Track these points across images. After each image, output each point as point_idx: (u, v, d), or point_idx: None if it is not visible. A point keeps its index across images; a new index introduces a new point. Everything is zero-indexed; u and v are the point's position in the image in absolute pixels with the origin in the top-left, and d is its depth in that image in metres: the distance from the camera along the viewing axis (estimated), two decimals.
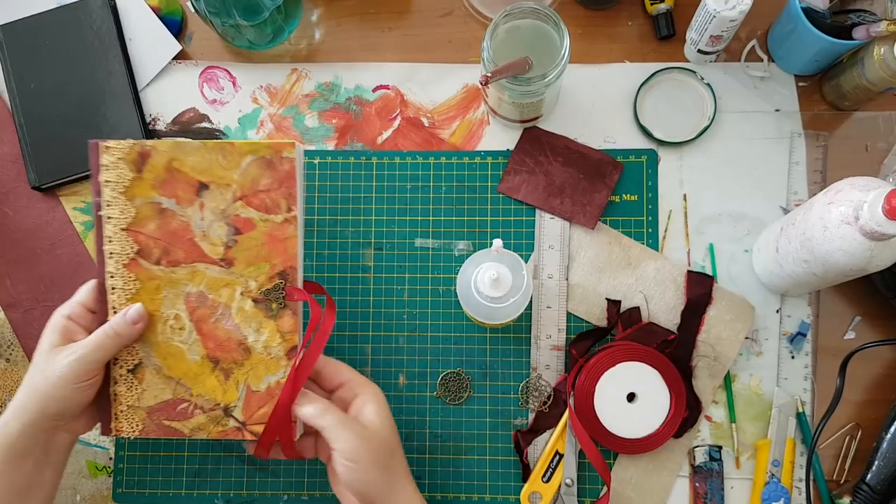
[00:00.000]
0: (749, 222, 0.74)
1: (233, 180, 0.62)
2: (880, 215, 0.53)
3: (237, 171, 0.62)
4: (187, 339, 0.63)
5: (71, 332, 0.61)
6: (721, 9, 0.67)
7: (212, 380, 0.63)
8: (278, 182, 0.62)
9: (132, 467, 0.73)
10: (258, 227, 0.62)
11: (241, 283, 0.63)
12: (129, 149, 0.63)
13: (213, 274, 0.63)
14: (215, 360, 0.63)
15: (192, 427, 0.63)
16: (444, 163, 0.77)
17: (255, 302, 0.63)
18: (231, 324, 0.63)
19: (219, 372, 0.63)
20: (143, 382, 0.63)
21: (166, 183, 0.62)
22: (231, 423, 0.63)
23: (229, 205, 0.62)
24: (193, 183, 0.62)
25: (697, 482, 0.70)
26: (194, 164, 0.62)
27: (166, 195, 0.63)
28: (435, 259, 0.75)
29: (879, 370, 0.72)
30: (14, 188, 0.78)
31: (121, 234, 0.63)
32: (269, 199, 0.62)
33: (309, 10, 0.81)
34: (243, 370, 0.63)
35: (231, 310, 0.63)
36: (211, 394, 0.63)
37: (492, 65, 0.65)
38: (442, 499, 0.72)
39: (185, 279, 0.63)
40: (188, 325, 0.63)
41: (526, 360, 0.73)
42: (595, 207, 0.74)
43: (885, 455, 0.68)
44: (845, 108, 0.75)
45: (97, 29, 0.79)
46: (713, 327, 0.72)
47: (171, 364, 0.63)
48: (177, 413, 0.63)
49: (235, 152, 0.62)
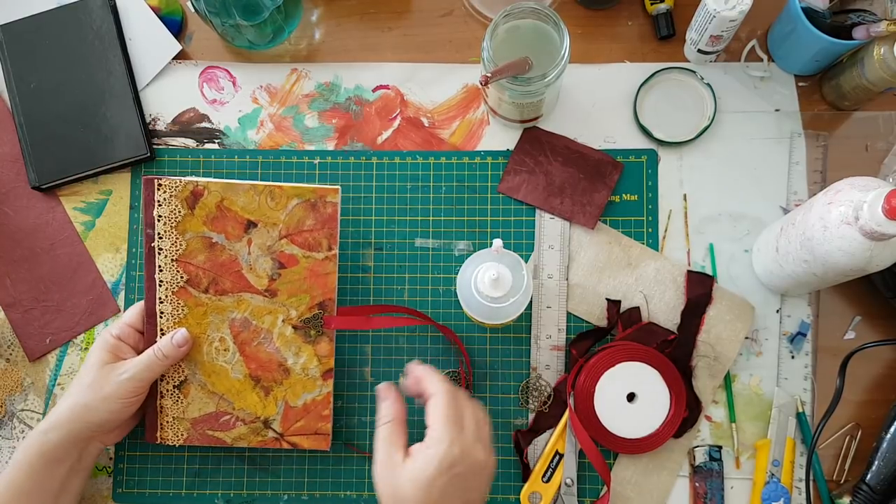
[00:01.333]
0: (749, 222, 0.74)
1: (279, 220, 0.68)
2: (880, 215, 0.53)
3: (283, 212, 0.68)
4: (231, 360, 0.69)
5: (120, 351, 0.67)
6: (721, 9, 0.67)
7: (253, 396, 0.69)
8: (321, 223, 0.68)
9: (132, 467, 0.73)
10: (300, 263, 0.68)
11: (283, 312, 0.68)
12: (182, 187, 0.67)
13: (258, 303, 0.68)
14: (257, 379, 0.69)
15: (234, 437, 0.69)
16: (444, 163, 0.77)
17: (294, 329, 0.68)
18: (273, 347, 0.69)
19: (259, 389, 0.69)
20: (188, 397, 0.69)
21: (217, 220, 0.68)
22: (270, 433, 0.69)
23: (275, 242, 0.68)
24: (242, 221, 0.68)
25: (697, 482, 0.70)
26: (244, 205, 0.68)
27: (216, 231, 0.68)
28: (435, 259, 0.75)
29: (879, 370, 0.72)
30: (14, 188, 0.78)
31: (171, 265, 0.68)
32: (311, 238, 0.68)
33: (309, 10, 0.81)
34: (282, 388, 0.69)
35: (273, 335, 0.69)
36: (252, 408, 0.69)
37: (492, 65, 0.65)
38: None
39: (232, 306, 0.68)
40: (232, 347, 0.69)
41: (526, 360, 0.73)
42: (595, 207, 0.74)
43: (885, 455, 0.68)
44: (845, 108, 0.75)
45: (97, 29, 0.79)
46: (713, 327, 0.72)
47: (216, 381, 0.69)
48: (219, 424, 0.69)
49: (283, 195, 0.67)
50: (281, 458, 0.73)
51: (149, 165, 0.78)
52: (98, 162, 0.77)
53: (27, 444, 0.64)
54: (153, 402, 0.69)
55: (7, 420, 0.75)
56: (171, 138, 0.79)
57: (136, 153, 0.77)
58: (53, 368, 0.75)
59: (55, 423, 0.64)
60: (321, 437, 0.69)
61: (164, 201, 0.67)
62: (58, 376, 0.75)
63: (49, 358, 0.76)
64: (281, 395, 0.69)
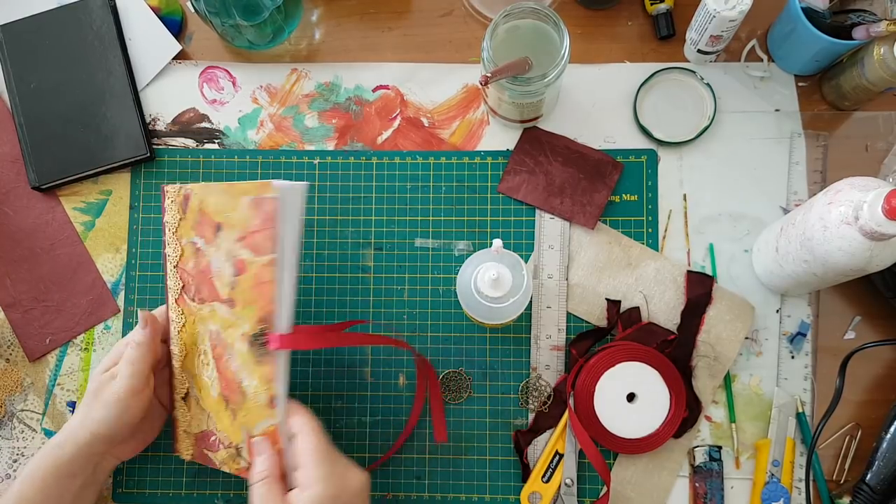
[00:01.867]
0: (749, 222, 0.74)
1: (236, 221, 0.61)
2: (880, 215, 0.53)
3: (237, 212, 0.61)
4: (211, 376, 0.64)
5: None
6: (721, 9, 0.67)
7: (226, 418, 0.63)
8: (263, 222, 0.59)
9: (132, 467, 0.73)
10: (248, 270, 0.60)
11: (240, 325, 0.61)
12: (177, 192, 0.65)
13: (223, 314, 0.62)
14: (227, 400, 0.63)
15: (220, 460, 0.65)
16: (444, 163, 0.77)
17: (249, 345, 0.60)
18: (235, 365, 0.62)
19: (230, 411, 0.63)
20: (190, 410, 0.67)
21: (199, 224, 0.64)
22: (242, 462, 0.63)
23: (233, 245, 0.61)
24: (213, 223, 0.63)
25: (697, 482, 0.70)
26: (214, 206, 0.62)
27: (199, 235, 0.64)
28: (435, 259, 0.75)
29: (879, 370, 0.72)
30: (14, 188, 0.78)
31: (173, 272, 0.66)
32: (258, 239, 0.60)
33: (309, 10, 0.81)
34: (243, 413, 0.62)
35: (234, 351, 0.61)
36: (227, 431, 0.64)
37: (492, 65, 0.65)
38: (442, 499, 0.72)
39: (208, 317, 0.64)
40: (211, 362, 0.64)
41: (526, 360, 0.73)
42: (595, 207, 0.74)
43: (885, 455, 0.68)
44: (845, 108, 0.75)
45: (97, 29, 0.79)
46: (713, 327, 0.72)
47: (205, 396, 0.65)
48: (209, 444, 0.66)
49: (236, 193, 0.61)
50: None
51: (149, 166, 0.78)
52: (98, 162, 0.77)
53: (40, 458, 0.63)
54: (173, 412, 0.68)
55: (7, 420, 0.75)
56: (171, 138, 0.79)
57: (135, 153, 0.77)
58: (53, 368, 0.75)
59: (69, 436, 0.63)
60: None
61: (167, 208, 0.66)
62: (58, 376, 0.75)
63: (49, 358, 0.76)
64: (243, 421, 0.62)
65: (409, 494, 0.72)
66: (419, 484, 0.72)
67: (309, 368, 0.74)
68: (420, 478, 0.72)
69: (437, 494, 0.72)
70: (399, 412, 0.73)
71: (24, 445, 0.74)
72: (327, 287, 0.75)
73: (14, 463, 0.74)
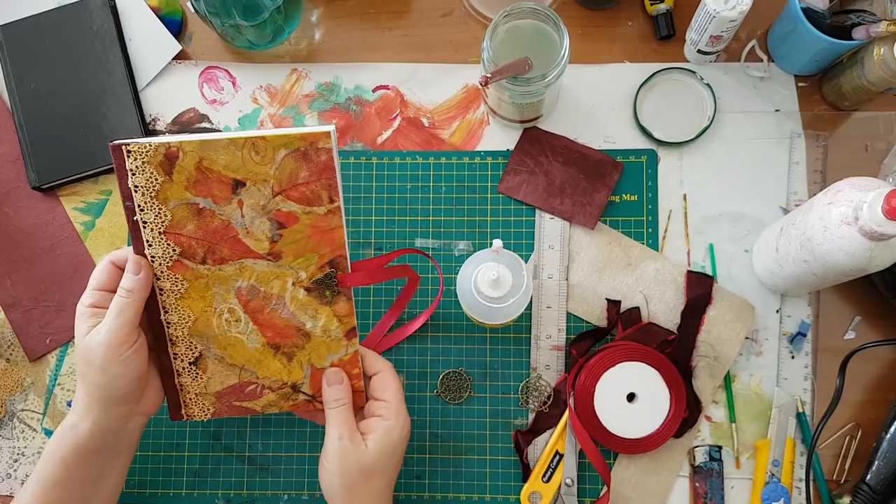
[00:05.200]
0: (749, 222, 0.74)
1: (269, 175, 0.60)
2: (880, 215, 0.53)
3: (273, 166, 0.60)
4: (245, 330, 0.64)
5: (98, 316, 0.60)
6: (721, 9, 0.67)
7: (275, 363, 0.64)
8: (317, 174, 0.60)
9: (132, 467, 0.73)
10: (301, 220, 0.61)
11: (292, 275, 0.62)
12: (153, 151, 0.60)
13: (262, 268, 0.62)
14: (276, 346, 0.64)
15: (263, 405, 0.66)
16: (444, 163, 0.77)
17: (308, 291, 0.63)
18: (287, 312, 0.63)
19: (281, 356, 0.64)
20: (206, 372, 0.65)
21: (199, 183, 0.61)
22: (301, 397, 0.66)
23: (269, 200, 0.61)
24: (228, 181, 0.61)
25: (697, 482, 0.70)
26: (226, 163, 0.60)
27: (201, 195, 0.61)
28: (435, 259, 0.75)
29: (879, 370, 0.72)
30: (14, 188, 0.78)
31: (160, 238, 0.62)
32: (309, 191, 0.61)
33: (309, 10, 0.81)
34: (305, 352, 0.64)
35: (285, 300, 0.63)
36: (277, 375, 0.65)
37: (492, 65, 0.65)
38: (442, 499, 0.72)
39: (235, 275, 0.62)
40: (243, 318, 0.63)
41: (526, 360, 0.73)
42: (595, 207, 0.74)
43: (885, 455, 0.68)
44: (845, 109, 0.75)
45: (97, 29, 0.79)
46: (713, 327, 0.72)
47: (233, 353, 0.64)
48: (246, 394, 0.66)
49: (268, 147, 0.60)
50: (281, 458, 0.73)
51: None
52: (98, 162, 0.77)
53: (58, 440, 0.60)
54: (171, 381, 0.65)
55: (7, 420, 0.75)
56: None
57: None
58: (53, 368, 0.75)
59: (80, 413, 0.60)
60: (356, 394, 0.64)
61: (137, 170, 0.60)
62: (58, 376, 0.75)
63: (49, 358, 0.76)
64: (305, 359, 0.64)
65: (410, 494, 0.72)
66: (419, 484, 0.72)
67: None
68: (420, 478, 0.72)
69: (438, 494, 0.72)
70: None
71: (24, 445, 0.74)
72: None
73: (14, 463, 0.74)
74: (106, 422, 0.61)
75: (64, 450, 0.60)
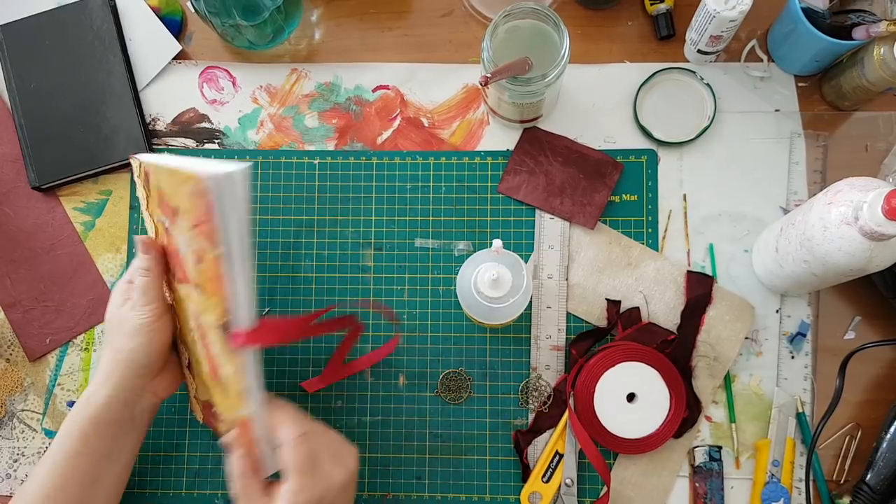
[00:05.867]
0: (749, 222, 0.74)
1: (187, 207, 0.57)
2: (880, 215, 0.53)
3: (184, 201, 0.56)
4: (200, 353, 0.63)
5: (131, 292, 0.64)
6: (721, 9, 0.67)
7: (218, 394, 0.63)
8: (205, 214, 0.54)
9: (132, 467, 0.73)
10: (205, 259, 0.56)
11: (210, 313, 0.58)
12: (139, 168, 0.63)
13: (195, 297, 0.60)
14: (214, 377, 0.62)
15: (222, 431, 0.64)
16: (444, 163, 0.77)
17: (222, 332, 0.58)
18: (215, 349, 0.60)
19: (220, 388, 0.62)
20: (195, 379, 0.66)
21: (161, 203, 0.61)
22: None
23: (189, 231, 0.57)
24: (171, 207, 0.60)
25: (697, 482, 0.70)
26: (168, 188, 0.59)
27: (165, 214, 0.61)
28: (435, 259, 0.75)
29: (879, 370, 0.72)
30: (14, 188, 0.78)
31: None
32: (206, 230, 0.55)
33: (309, 10, 0.81)
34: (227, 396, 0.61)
35: (212, 336, 0.59)
36: (221, 406, 0.64)
37: (492, 65, 0.65)
38: (442, 499, 0.72)
39: (185, 297, 0.62)
40: (198, 340, 0.63)
41: (526, 360, 0.73)
42: (595, 207, 0.74)
43: (885, 455, 0.68)
44: (845, 109, 0.75)
45: (97, 29, 0.79)
46: (713, 327, 0.72)
47: (199, 370, 0.65)
48: (211, 414, 0.66)
49: (178, 181, 0.57)
50: None
51: None
52: (98, 162, 0.77)
53: (76, 413, 0.62)
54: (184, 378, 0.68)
55: (7, 420, 0.75)
56: (171, 138, 0.79)
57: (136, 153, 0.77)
58: (53, 368, 0.75)
59: (100, 380, 0.62)
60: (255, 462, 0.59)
61: (136, 182, 0.65)
62: (58, 376, 0.75)
63: (49, 358, 0.76)
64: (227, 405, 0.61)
65: (410, 494, 0.72)
66: (419, 484, 0.72)
67: (309, 368, 0.74)
68: (420, 478, 0.72)
69: (437, 494, 0.72)
70: (399, 412, 0.73)
71: (24, 445, 0.74)
72: (327, 287, 0.75)
73: (14, 463, 0.74)
74: (123, 391, 0.63)
75: (83, 420, 0.62)
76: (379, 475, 0.72)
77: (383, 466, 0.72)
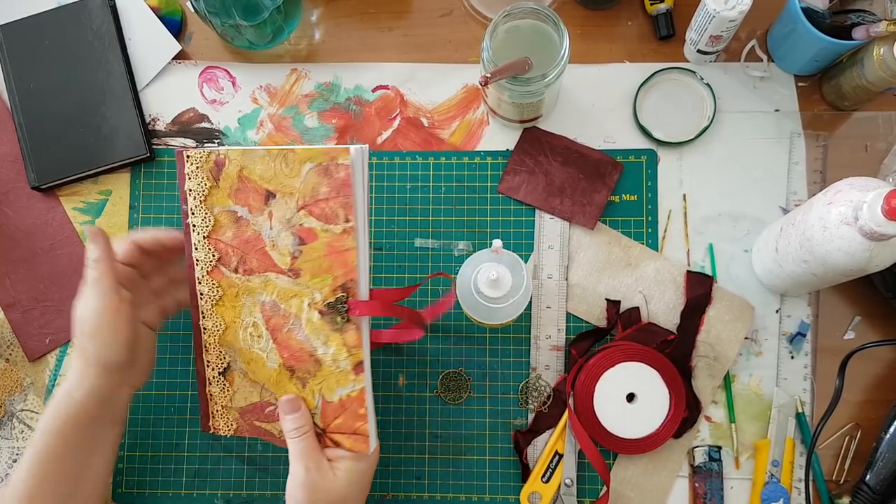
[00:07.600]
0: (749, 222, 0.74)
1: (295, 189, 0.60)
2: (879, 216, 0.53)
3: (299, 180, 0.60)
4: (265, 347, 0.63)
5: None
6: (721, 9, 0.67)
7: (291, 387, 0.62)
8: (335, 190, 0.59)
9: (132, 467, 0.73)
10: (319, 238, 0.60)
11: (308, 295, 0.60)
12: (205, 158, 0.63)
13: (283, 284, 0.61)
14: (291, 370, 0.62)
15: (280, 430, 0.63)
16: (443, 163, 0.77)
17: (321, 314, 0.60)
18: (302, 334, 0.61)
19: (296, 380, 0.62)
20: (233, 385, 0.65)
21: (239, 192, 0.62)
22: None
23: (294, 214, 0.60)
24: (262, 191, 0.61)
25: (697, 482, 0.70)
26: (262, 173, 0.61)
27: (240, 203, 0.62)
28: (435, 259, 0.75)
29: (879, 370, 0.72)
30: (14, 188, 0.78)
31: (203, 242, 0.64)
32: (328, 208, 0.59)
33: (309, 10, 0.81)
34: (317, 381, 0.62)
35: (301, 321, 0.61)
36: (311, 392, 0.62)
37: (492, 65, 0.65)
38: (442, 499, 0.72)
39: (259, 288, 0.62)
40: (265, 334, 0.62)
41: (526, 360, 0.73)
42: (595, 207, 0.74)
43: (885, 455, 0.68)
44: (845, 108, 0.75)
45: (97, 29, 0.79)
46: (713, 327, 0.72)
47: (255, 369, 0.64)
48: (265, 415, 0.64)
49: (296, 160, 0.60)
50: (281, 458, 0.73)
51: (148, 166, 0.78)
52: (98, 162, 0.77)
53: (54, 410, 0.61)
54: (203, 390, 0.66)
55: (7, 420, 0.75)
56: (170, 138, 0.79)
57: (135, 153, 0.77)
58: (53, 368, 0.75)
59: (75, 381, 0.61)
60: (360, 437, 0.61)
61: (192, 174, 0.63)
62: (58, 376, 0.75)
63: (49, 358, 0.76)
64: (317, 388, 0.61)
65: (409, 494, 0.72)
66: (419, 484, 0.72)
67: None
68: (420, 478, 0.72)
69: (437, 494, 0.72)
70: (399, 412, 0.73)
71: (23, 445, 0.74)
72: None
73: (14, 463, 0.74)
74: (99, 389, 0.62)
75: (60, 419, 0.61)
76: (379, 475, 0.72)
77: (383, 466, 0.72)
